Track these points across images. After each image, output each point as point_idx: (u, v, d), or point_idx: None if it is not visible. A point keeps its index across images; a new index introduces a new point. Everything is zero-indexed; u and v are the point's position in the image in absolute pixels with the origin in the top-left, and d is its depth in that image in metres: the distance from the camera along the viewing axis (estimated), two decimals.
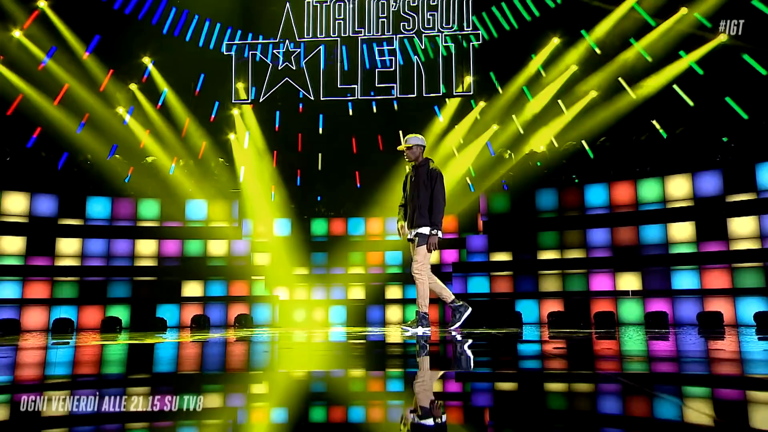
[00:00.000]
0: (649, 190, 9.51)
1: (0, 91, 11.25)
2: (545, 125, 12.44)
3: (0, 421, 1.75)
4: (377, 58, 11.39)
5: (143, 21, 12.71)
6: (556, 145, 12.04)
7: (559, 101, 12.59)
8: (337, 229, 11.72)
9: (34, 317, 9.72)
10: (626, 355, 3.57)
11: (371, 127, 13.61)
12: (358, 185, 13.23)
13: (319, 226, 11.76)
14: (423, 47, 11.13)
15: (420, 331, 5.60)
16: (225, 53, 12.01)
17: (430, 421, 1.70)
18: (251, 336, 6.11)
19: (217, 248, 10.93)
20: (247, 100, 11.87)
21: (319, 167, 13.87)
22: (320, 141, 13.90)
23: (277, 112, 14.00)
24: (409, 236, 5.81)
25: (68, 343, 5.49)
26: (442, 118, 13.28)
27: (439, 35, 11.24)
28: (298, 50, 11.55)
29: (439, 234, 5.66)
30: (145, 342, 5.29)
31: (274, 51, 11.69)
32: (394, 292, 11.21)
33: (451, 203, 11.83)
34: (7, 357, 3.84)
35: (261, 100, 11.81)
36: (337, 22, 11.50)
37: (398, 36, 11.29)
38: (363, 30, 11.42)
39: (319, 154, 13.98)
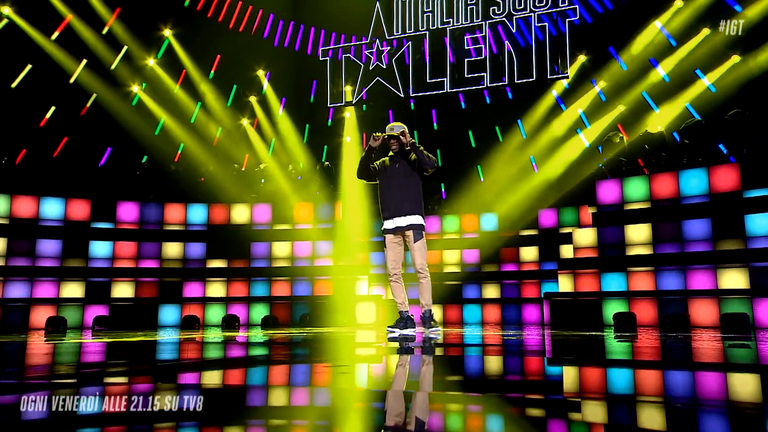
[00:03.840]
0: None
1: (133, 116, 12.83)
2: (668, 101, 10.98)
3: None
4: (466, 47, 10.91)
5: (255, 36, 13.61)
6: (698, 117, 10.46)
7: (697, 71, 11.07)
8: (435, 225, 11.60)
9: (168, 314, 10.94)
10: None
11: (487, 117, 13.16)
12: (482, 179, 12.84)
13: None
14: (514, 30, 10.40)
15: (436, 330, 5.37)
16: (321, 59, 12.37)
17: None
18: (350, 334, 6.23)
19: (324, 248, 11.34)
20: (341, 102, 12.12)
21: (439, 163, 13.75)
22: (436, 137, 13.81)
23: (390, 111, 14.18)
24: (389, 227, 5.31)
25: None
26: (561, 101, 12.48)
27: (531, 15, 10.41)
28: (388, 48, 11.51)
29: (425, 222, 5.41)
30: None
31: (366, 51, 11.78)
32: (491, 291, 10.97)
33: (551, 194, 11.07)
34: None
35: (354, 101, 11.99)
36: (425, 15, 11.23)
37: (488, 22, 10.68)
38: (451, 20, 11.01)
39: (437, 150, 13.89)
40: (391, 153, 5.47)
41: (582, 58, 12.28)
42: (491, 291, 10.94)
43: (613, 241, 9.11)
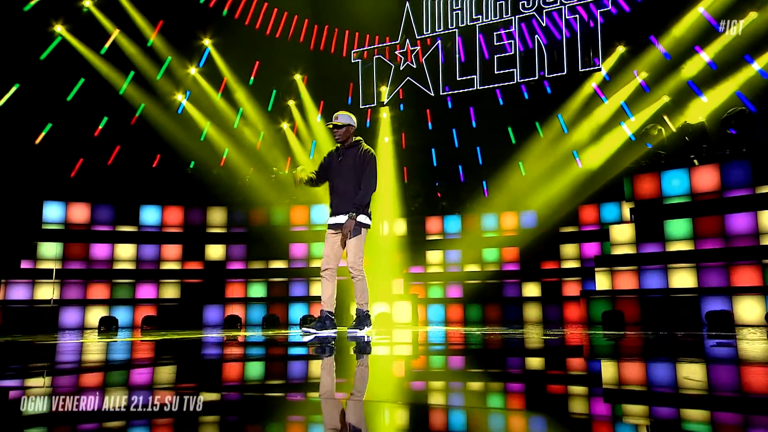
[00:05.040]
0: None
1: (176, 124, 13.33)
2: (714, 88, 10.54)
3: None
4: (496, 43, 10.79)
5: (291, 41, 13.91)
6: (748, 104, 9.96)
7: (746, 57, 10.58)
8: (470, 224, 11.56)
9: (212, 314, 11.36)
10: None
11: (526, 113, 12.98)
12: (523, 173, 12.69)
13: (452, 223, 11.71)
14: (544, 24, 10.21)
15: (366, 331, 5.16)
16: (352, 60, 12.49)
17: None
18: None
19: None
20: (373, 103, 12.20)
21: (480, 161, 13.73)
22: (475, 134, 13.74)
23: (427, 110, 14.22)
24: (331, 222, 5.15)
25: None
26: (601, 93, 12.19)
27: (562, 8, 10.19)
28: (419, 47, 11.53)
29: (368, 220, 5.04)
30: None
31: (398, 52, 11.84)
32: (531, 289, 10.84)
33: (591, 188, 10.82)
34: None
35: (385, 101, 12.06)
36: (454, 13, 11.18)
37: (517, 17, 10.53)
38: (480, 17, 10.92)
39: (477, 148, 13.83)
40: (338, 145, 5.27)
41: (621, 49, 11.95)
42: (531, 289, 10.83)
43: (651, 237, 8.85)
